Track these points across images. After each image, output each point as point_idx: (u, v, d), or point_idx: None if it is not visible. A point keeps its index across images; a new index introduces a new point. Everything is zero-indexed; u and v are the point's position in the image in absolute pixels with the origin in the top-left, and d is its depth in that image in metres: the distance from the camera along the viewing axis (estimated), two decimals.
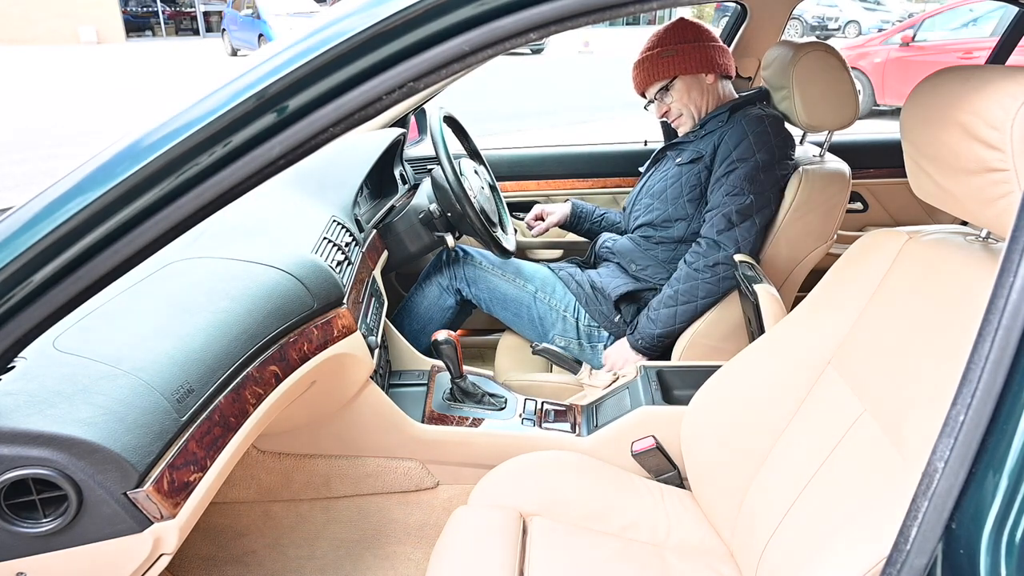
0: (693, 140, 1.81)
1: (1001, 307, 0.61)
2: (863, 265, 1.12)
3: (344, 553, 1.62)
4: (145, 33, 21.65)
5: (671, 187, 1.80)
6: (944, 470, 0.63)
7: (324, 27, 0.68)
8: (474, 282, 1.94)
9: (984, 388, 0.61)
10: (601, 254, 1.96)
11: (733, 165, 1.68)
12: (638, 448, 1.46)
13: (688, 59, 1.78)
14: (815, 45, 1.70)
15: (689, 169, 1.77)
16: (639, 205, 1.89)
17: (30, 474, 0.80)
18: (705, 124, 1.80)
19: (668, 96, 1.82)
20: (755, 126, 1.70)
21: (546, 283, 1.91)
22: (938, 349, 0.91)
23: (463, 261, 1.96)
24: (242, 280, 1.20)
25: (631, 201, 1.97)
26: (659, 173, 1.87)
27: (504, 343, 2.02)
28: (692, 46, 1.78)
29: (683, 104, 1.81)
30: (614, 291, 1.82)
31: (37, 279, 0.68)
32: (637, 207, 1.90)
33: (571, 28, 0.68)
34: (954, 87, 0.85)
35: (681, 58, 1.78)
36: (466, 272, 1.94)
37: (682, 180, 1.78)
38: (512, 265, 1.96)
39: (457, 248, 1.98)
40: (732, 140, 1.70)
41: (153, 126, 0.70)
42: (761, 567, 1.05)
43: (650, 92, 1.84)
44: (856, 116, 1.74)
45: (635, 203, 1.92)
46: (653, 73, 1.80)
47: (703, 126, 1.80)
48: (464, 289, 1.95)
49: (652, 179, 1.89)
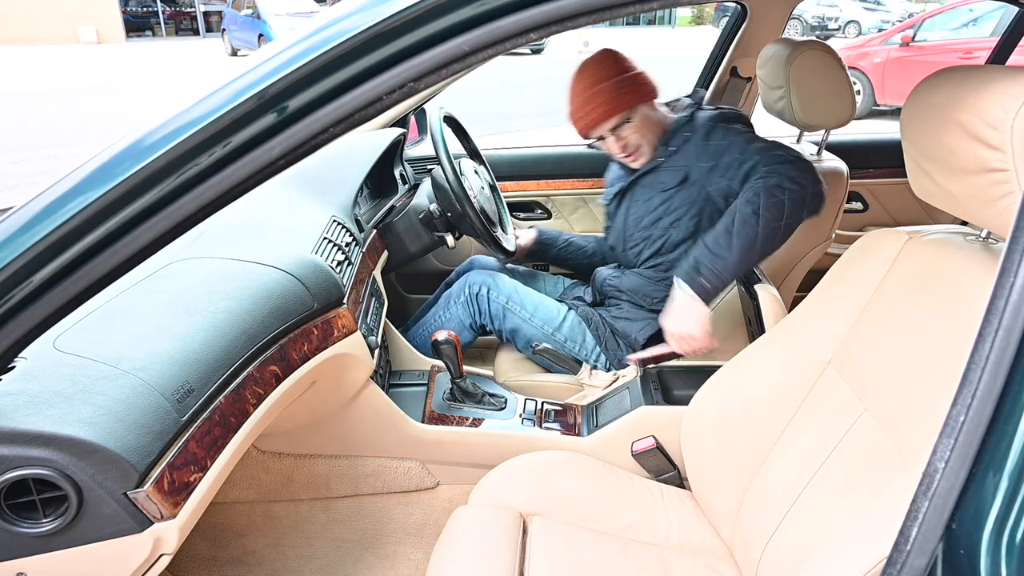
0: (664, 162, 1.70)
1: (1001, 307, 0.61)
2: (863, 265, 1.12)
3: (344, 553, 1.62)
4: (145, 33, 21.63)
5: (666, 215, 1.70)
6: (944, 470, 0.63)
7: (324, 27, 0.68)
8: (498, 318, 1.85)
9: (984, 388, 0.61)
10: (607, 292, 1.86)
11: (730, 141, 1.59)
12: (638, 448, 1.46)
13: (641, 86, 1.67)
14: (811, 44, 1.70)
15: (677, 191, 1.68)
16: (633, 241, 1.78)
17: (30, 474, 0.80)
18: (669, 142, 1.70)
19: (625, 129, 1.67)
20: (716, 118, 1.65)
21: (574, 331, 1.81)
22: (938, 349, 0.91)
23: (489, 297, 1.85)
24: (242, 280, 1.20)
25: (617, 239, 1.85)
26: (641, 205, 1.76)
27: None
28: (638, 74, 1.67)
29: (642, 135, 1.69)
30: (640, 334, 1.73)
31: (37, 279, 0.68)
32: (632, 243, 1.79)
33: (571, 28, 0.68)
34: (954, 87, 0.85)
35: (636, 86, 1.65)
36: (491, 308, 1.85)
37: (674, 203, 1.69)
38: (540, 308, 1.84)
39: (482, 285, 1.86)
40: (713, 137, 1.62)
41: (153, 126, 0.70)
42: (761, 567, 1.05)
43: (603, 128, 1.68)
44: (853, 115, 1.74)
45: (626, 240, 1.80)
46: (611, 107, 1.64)
47: (667, 144, 1.70)
48: (488, 325, 1.87)
49: (634, 212, 1.77)
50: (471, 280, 1.89)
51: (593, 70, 1.66)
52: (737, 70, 2.39)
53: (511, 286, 1.86)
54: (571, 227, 2.58)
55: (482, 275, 1.88)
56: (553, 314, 1.84)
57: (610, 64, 1.65)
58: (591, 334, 1.80)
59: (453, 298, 1.90)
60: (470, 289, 1.87)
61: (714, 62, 2.45)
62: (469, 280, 1.89)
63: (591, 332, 1.80)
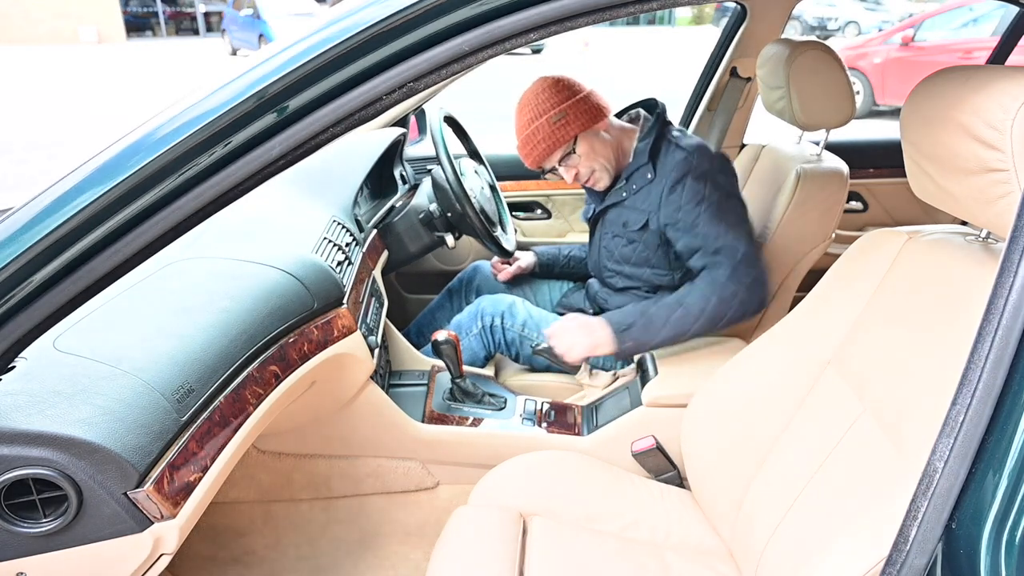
0: (627, 199, 1.66)
1: (1001, 307, 0.61)
2: (863, 265, 1.12)
3: (344, 553, 1.62)
4: (145, 33, 21.63)
5: (635, 255, 1.69)
6: (944, 470, 0.63)
7: (324, 27, 0.68)
8: (514, 345, 1.83)
9: (984, 388, 0.61)
10: (600, 303, 1.85)
11: (694, 212, 1.54)
12: (638, 448, 1.46)
13: (580, 115, 1.60)
14: (811, 44, 1.70)
15: (642, 235, 1.65)
16: (608, 272, 1.78)
17: (30, 474, 0.80)
18: (631, 179, 1.64)
19: (571, 159, 1.64)
20: (684, 168, 1.55)
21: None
22: (938, 349, 0.91)
23: (504, 327, 1.82)
24: (242, 280, 1.20)
25: (594, 266, 1.85)
26: (611, 240, 1.74)
27: None
28: (574, 102, 1.60)
29: (592, 161, 1.64)
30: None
31: (37, 279, 0.68)
32: (608, 273, 1.78)
33: (571, 28, 0.68)
34: (954, 87, 0.85)
35: (573, 116, 1.59)
36: (507, 337, 1.82)
37: (640, 247, 1.67)
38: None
39: (495, 316, 1.82)
40: (678, 191, 1.55)
41: (153, 126, 0.70)
42: (761, 567, 1.05)
43: (550, 162, 1.66)
44: (853, 114, 1.74)
45: (601, 270, 1.80)
46: (552, 142, 1.61)
47: (628, 180, 1.65)
48: (504, 352, 1.86)
49: (607, 245, 1.75)
50: (484, 310, 1.84)
51: (529, 105, 1.63)
52: (737, 70, 2.39)
53: (525, 312, 1.83)
54: (571, 227, 2.59)
55: (494, 304, 1.84)
56: None
57: (547, 97, 1.60)
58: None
59: (465, 329, 1.85)
60: (483, 320, 1.83)
61: (714, 62, 2.45)
62: (481, 310, 1.84)
63: None
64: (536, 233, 2.56)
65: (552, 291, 2.08)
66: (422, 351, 1.85)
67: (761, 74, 1.85)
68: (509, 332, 1.81)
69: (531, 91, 1.65)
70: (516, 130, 1.69)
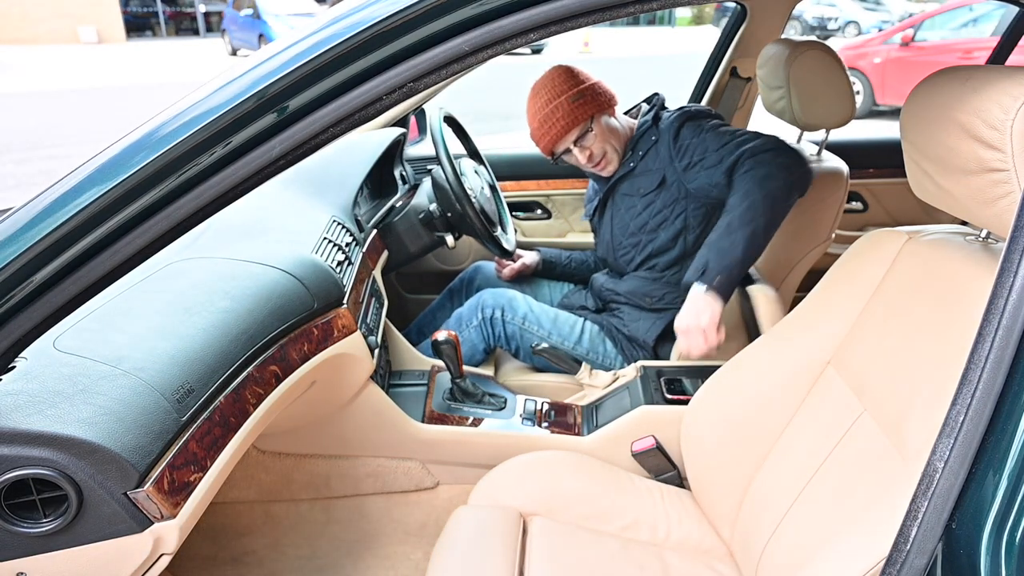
0: (636, 167, 1.75)
1: (1001, 307, 0.61)
2: (863, 265, 1.12)
3: (344, 553, 1.62)
4: (145, 33, 21.63)
5: (651, 218, 1.74)
6: (944, 470, 0.63)
7: (324, 27, 0.68)
8: (514, 339, 1.83)
9: (984, 388, 0.61)
10: (605, 297, 1.88)
11: (701, 142, 1.63)
12: (638, 448, 1.46)
13: (596, 96, 1.71)
14: (811, 44, 1.70)
15: (657, 194, 1.72)
16: (623, 249, 1.82)
17: (30, 474, 0.80)
18: (636, 147, 1.75)
19: (588, 139, 1.73)
20: (680, 117, 1.69)
21: (595, 342, 1.82)
22: (938, 349, 0.91)
23: (504, 320, 1.83)
24: (242, 280, 1.20)
25: (606, 250, 1.89)
26: (624, 213, 1.80)
27: None
28: (590, 85, 1.72)
29: (605, 143, 1.74)
30: (647, 335, 1.75)
31: (37, 279, 0.68)
32: (622, 251, 1.82)
33: (571, 28, 0.68)
34: (954, 87, 0.85)
35: (591, 97, 1.70)
36: (507, 331, 1.83)
37: (656, 206, 1.72)
38: (557, 324, 1.82)
39: (495, 308, 1.83)
40: (682, 136, 1.66)
41: (153, 126, 0.70)
42: (761, 567, 1.05)
43: (565, 142, 1.74)
44: (853, 114, 1.74)
45: (616, 249, 1.84)
46: (571, 120, 1.69)
47: (634, 150, 1.75)
48: (504, 346, 1.86)
49: (619, 220, 1.81)
50: (484, 303, 1.84)
51: (547, 88, 1.71)
52: (737, 70, 2.39)
53: (525, 306, 1.83)
54: (571, 227, 2.58)
55: (495, 297, 1.85)
56: (570, 328, 1.83)
57: (563, 80, 1.71)
58: (610, 342, 1.81)
59: (465, 321, 1.86)
60: (483, 312, 1.84)
61: (714, 62, 2.45)
62: (482, 302, 1.85)
63: (609, 340, 1.81)
64: (536, 233, 2.56)
65: (552, 291, 2.09)
66: (419, 347, 1.84)
67: (761, 74, 1.85)
68: (510, 325, 1.82)
69: (545, 77, 1.74)
70: (530, 114, 1.76)
